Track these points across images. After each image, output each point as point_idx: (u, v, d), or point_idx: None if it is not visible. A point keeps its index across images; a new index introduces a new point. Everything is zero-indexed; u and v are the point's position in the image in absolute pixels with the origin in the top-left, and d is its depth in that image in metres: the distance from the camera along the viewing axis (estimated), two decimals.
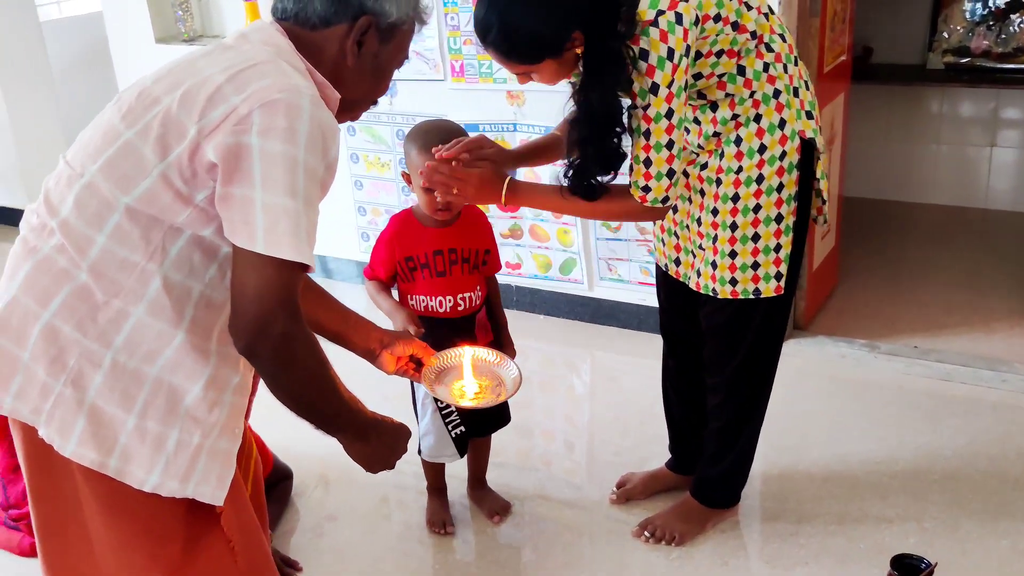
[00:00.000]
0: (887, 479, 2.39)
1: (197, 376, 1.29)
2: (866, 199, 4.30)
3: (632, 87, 1.72)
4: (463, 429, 2.18)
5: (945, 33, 4.08)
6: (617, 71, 1.69)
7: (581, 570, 2.15)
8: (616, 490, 2.37)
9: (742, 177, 1.86)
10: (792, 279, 1.96)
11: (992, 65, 3.99)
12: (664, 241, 2.08)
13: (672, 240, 2.05)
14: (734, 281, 1.93)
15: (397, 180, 3.42)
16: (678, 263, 2.06)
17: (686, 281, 2.04)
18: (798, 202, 1.90)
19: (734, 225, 1.89)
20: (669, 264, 2.10)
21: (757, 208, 1.87)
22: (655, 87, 1.69)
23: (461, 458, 2.23)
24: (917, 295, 3.43)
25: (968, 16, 4.04)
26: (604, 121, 1.75)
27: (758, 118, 1.83)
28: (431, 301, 2.08)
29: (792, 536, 2.20)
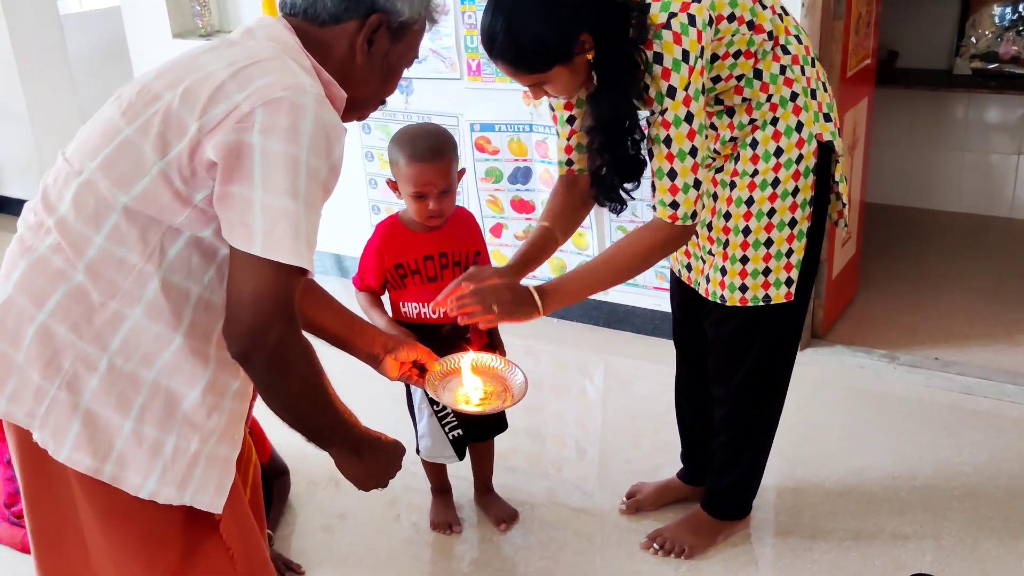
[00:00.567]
0: (905, 495, 2.34)
1: (196, 381, 1.26)
2: (889, 205, 4.24)
3: (648, 92, 1.69)
4: (460, 432, 2.16)
5: (973, 38, 4.00)
6: (629, 77, 1.66)
7: None
8: (626, 500, 2.34)
9: (757, 180, 1.82)
10: (805, 286, 1.92)
11: (1020, 71, 3.91)
12: None
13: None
14: (744, 288, 1.89)
15: None
16: (689, 268, 2.03)
17: (696, 287, 2.01)
18: (813, 207, 1.86)
19: (747, 229, 1.85)
20: (682, 270, 2.06)
21: (771, 212, 1.83)
22: (672, 90, 1.65)
23: (461, 460, 2.21)
24: (939, 305, 3.36)
25: (997, 21, 3.96)
26: (618, 128, 1.72)
27: (775, 121, 1.79)
28: (424, 308, 2.05)
29: (806, 552, 2.16)
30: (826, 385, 2.89)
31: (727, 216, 1.86)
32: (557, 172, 1.99)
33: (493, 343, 2.15)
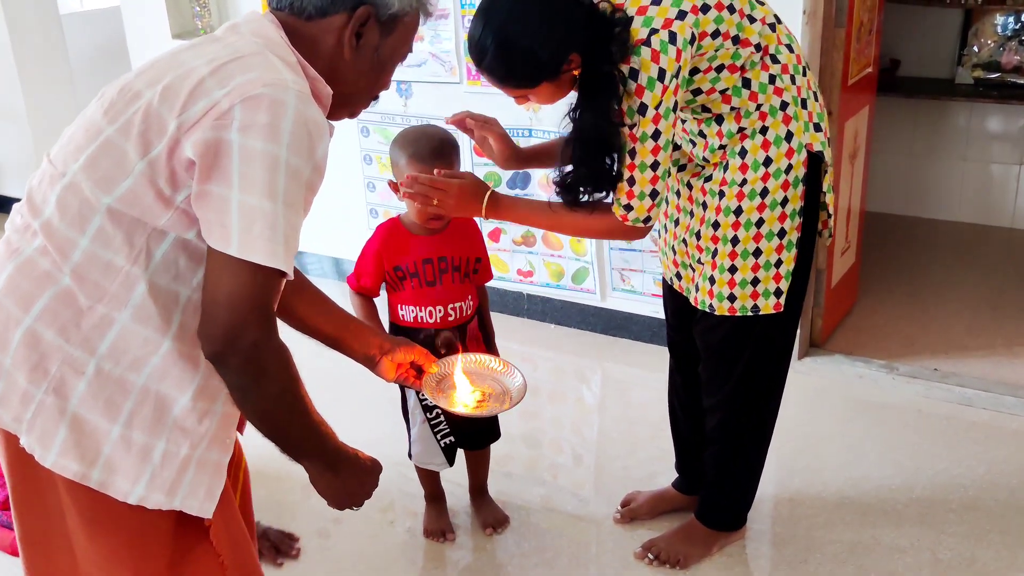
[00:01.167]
0: (902, 506, 2.32)
1: (186, 385, 1.25)
2: (889, 214, 4.23)
3: (619, 106, 1.69)
4: (452, 440, 2.14)
5: (975, 47, 3.99)
6: (609, 95, 1.67)
7: None
8: (621, 509, 2.32)
9: (746, 190, 1.81)
10: (795, 297, 1.90)
11: (1023, 81, 3.90)
12: (667, 254, 2.05)
13: (671, 254, 2.02)
14: (732, 297, 1.88)
15: None
16: (679, 277, 2.02)
17: (687, 295, 2.00)
18: (803, 217, 1.85)
19: (735, 239, 1.84)
20: (672, 278, 2.06)
21: (760, 222, 1.82)
22: (643, 107, 1.66)
23: (451, 467, 2.20)
24: (939, 315, 3.35)
25: (999, 30, 3.95)
26: (596, 145, 1.72)
27: (764, 130, 1.78)
28: (421, 311, 2.03)
29: (801, 564, 2.14)
30: (824, 395, 2.87)
31: (715, 225, 1.85)
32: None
33: (487, 341, 2.14)
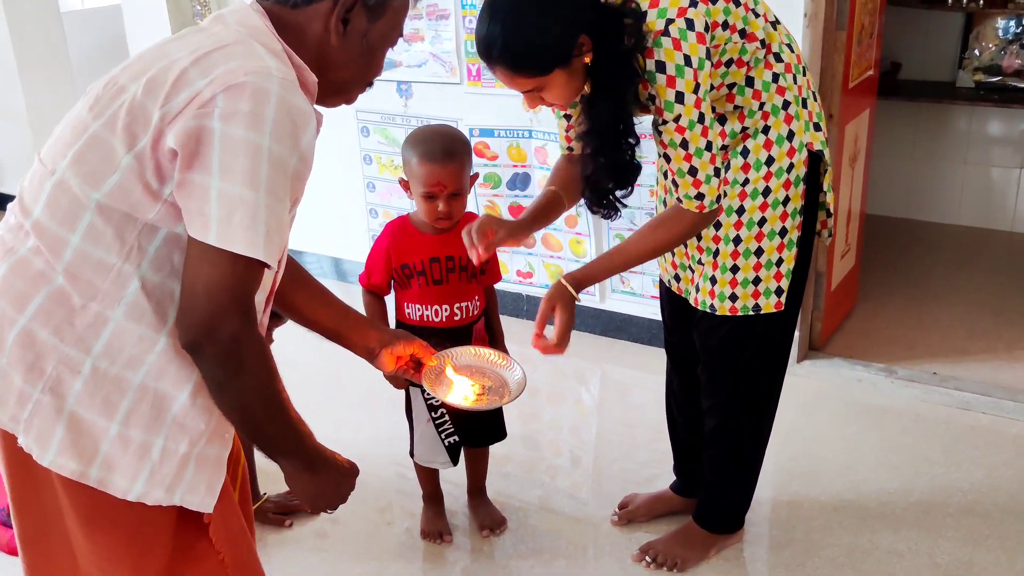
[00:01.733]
0: (900, 511, 2.32)
1: (183, 382, 1.24)
2: (889, 217, 4.22)
3: (653, 102, 1.67)
4: (456, 439, 2.14)
5: (976, 51, 3.99)
6: (627, 83, 1.64)
7: None
8: (618, 511, 2.32)
9: (748, 190, 1.81)
10: (794, 296, 1.90)
11: None
12: (665, 256, 2.03)
13: (670, 256, 2.01)
14: (734, 297, 1.88)
15: None
16: (678, 279, 2.02)
17: (686, 296, 1.99)
18: (803, 216, 1.85)
19: (737, 239, 1.84)
20: (671, 280, 2.05)
21: (762, 221, 1.82)
22: (680, 95, 1.64)
23: (454, 466, 2.20)
24: (938, 319, 3.34)
25: (1001, 34, 3.95)
26: (614, 133, 1.70)
27: (766, 130, 1.78)
28: (427, 310, 2.03)
29: (799, 567, 2.14)
30: (823, 398, 2.87)
31: (717, 225, 1.85)
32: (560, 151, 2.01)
33: (495, 342, 2.13)
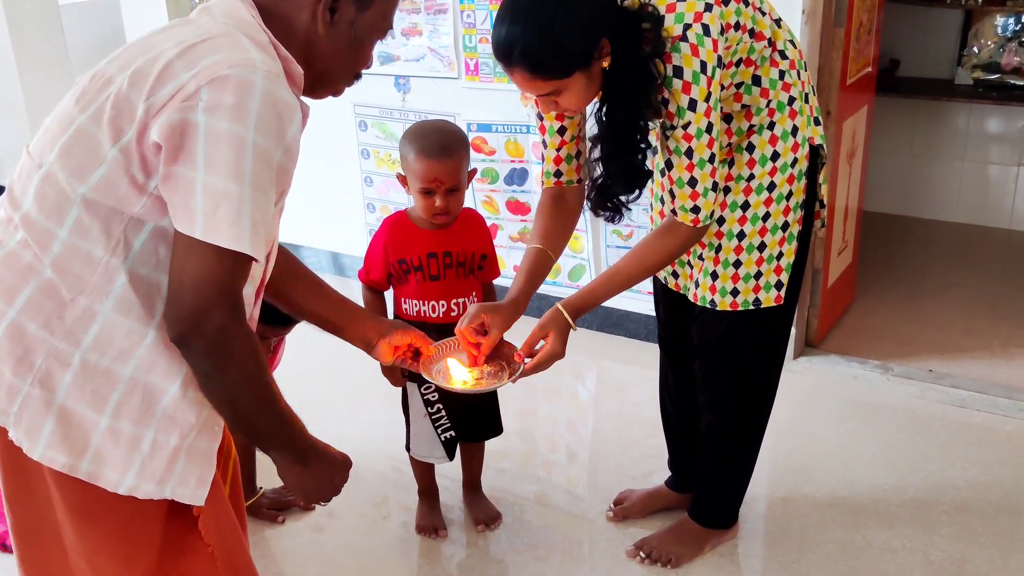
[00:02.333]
0: (895, 507, 2.32)
1: (174, 375, 1.24)
2: (886, 214, 4.22)
3: (664, 107, 1.66)
4: (452, 434, 2.14)
5: (975, 48, 3.99)
6: (646, 88, 1.63)
7: None
8: (613, 507, 2.32)
9: (753, 185, 1.81)
10: (793, 290, 1.91)
11: (1022, 83, 3.90)
12: None
13: None
14: (735, 292, 1.88)
15: None
16: (676, 276, 2.01)
17: (685, 293, 1.99)
18: (804, 210, 1.86)
19: (741, 234, 1.84)
20: (667, 277, 2.05)
21: (766, 216, 1.83)
22: (693, 103, 1.63)
23: (451, 461, 2.20)
24: (935, 316, 3.34)
25: (999, 31, 3.94)
26: (628, 138, 1.70)
27: (772, 126, 1.79)
28: (423, 305, 2.03)
29: (793, 564, 2.14)
30: (819, 395, 2.87)
31: (720, 220, 1.85)
32: (543, 185, 1.94)
33: None
